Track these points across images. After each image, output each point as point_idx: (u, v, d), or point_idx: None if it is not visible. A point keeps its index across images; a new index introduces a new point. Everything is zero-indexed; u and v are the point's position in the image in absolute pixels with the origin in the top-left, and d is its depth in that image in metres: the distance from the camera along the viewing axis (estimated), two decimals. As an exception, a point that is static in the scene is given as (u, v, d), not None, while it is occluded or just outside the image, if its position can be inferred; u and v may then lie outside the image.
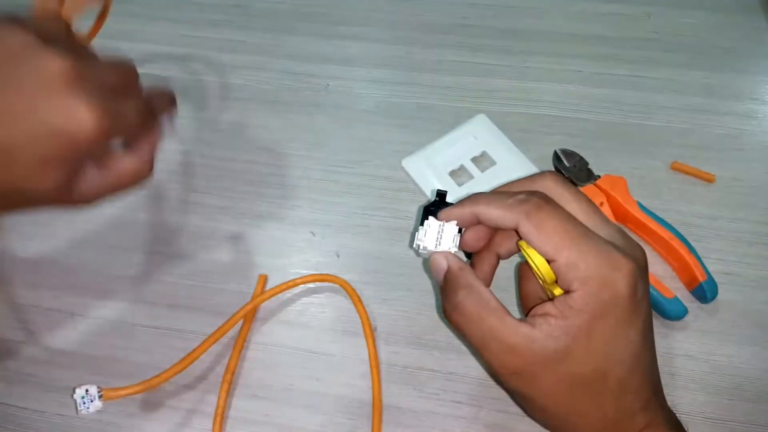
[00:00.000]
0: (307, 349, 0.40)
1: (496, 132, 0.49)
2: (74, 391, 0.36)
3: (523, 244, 0.29)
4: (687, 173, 0.47)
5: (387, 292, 0.42)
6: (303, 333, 0.41)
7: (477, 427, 0.37)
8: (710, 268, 0.41)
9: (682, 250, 0.41)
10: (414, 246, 0.33)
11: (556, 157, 0.47)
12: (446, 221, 0.32)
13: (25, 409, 0.39)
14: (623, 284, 0.27)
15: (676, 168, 0.47)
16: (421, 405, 0.38)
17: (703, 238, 0.44)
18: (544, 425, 0.31)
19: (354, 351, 0.40)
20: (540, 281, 0.31)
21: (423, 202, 0.46)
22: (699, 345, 0.40)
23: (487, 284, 0.33)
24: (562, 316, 0.27)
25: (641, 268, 0.28)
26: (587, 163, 0.46)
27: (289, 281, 0.42)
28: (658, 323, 0.40)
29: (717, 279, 0.41)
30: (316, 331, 0.41)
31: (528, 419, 0.37)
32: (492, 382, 0.38)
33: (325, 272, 0.43)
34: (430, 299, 0.42)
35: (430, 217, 0.32)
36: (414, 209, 0.46)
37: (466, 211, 0.31)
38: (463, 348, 0.40)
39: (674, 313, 0.39)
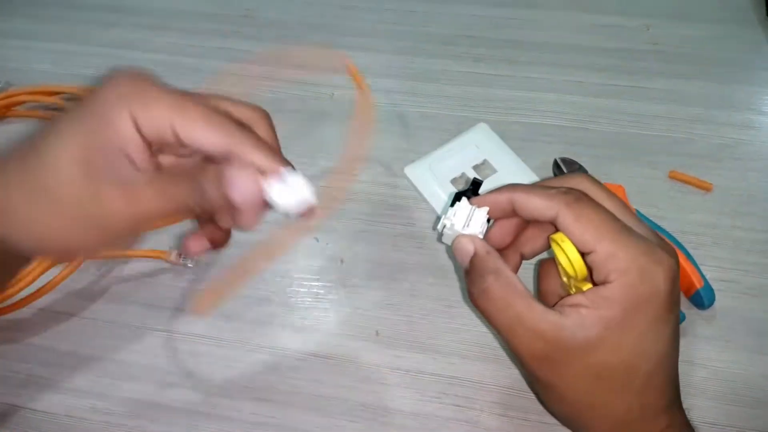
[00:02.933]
0: (310, 352, 0.41)
1: (497, 141, 0.50)
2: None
3: (557, 237, 0.29)
4: (685, 182, 0.48)
5: (390, 297, 0.43)
6: (307, 337, 0.42)
7: (478, 431, 0.38)
8: (708, 276, 0.41)
9: (680, 257, 0.42)
10: (439, 226, 0.31)
11: (556, 165, 0.48)
12: (479, 206, 0.31)
13: (35, 411, 0.39)
14: (663, 279, 0.26)
15: (674, 177, 0.48)
16: (422, 408, 0.39)
17: (701, 245, 0.44)
18: (560, 417, 0.31)
19: (356, 354, 0.41)
20: (564, 278, 0.30)
21: (424, 208, 0.47)
22: (697, 351, 0.40)
23: None
24: (594, 307, 0.27)
25: (678, 267, 0.28)
26: (586, 172, 0.47)
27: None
28: (656, 329, 0.41)
29: (714, 286, 0.41)
30: (319, 334, 0.42)
31: (529, 423, 0.38)
32: (493, 387, 0.39)
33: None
34: (432, 304, 0.43)
35: (463, 198, 0.31)
36: (416, 216, 0.47)
37: (504, 197, 0.30)
38: (465, 352, 0.41)
39: (672, 319, 0.40)
